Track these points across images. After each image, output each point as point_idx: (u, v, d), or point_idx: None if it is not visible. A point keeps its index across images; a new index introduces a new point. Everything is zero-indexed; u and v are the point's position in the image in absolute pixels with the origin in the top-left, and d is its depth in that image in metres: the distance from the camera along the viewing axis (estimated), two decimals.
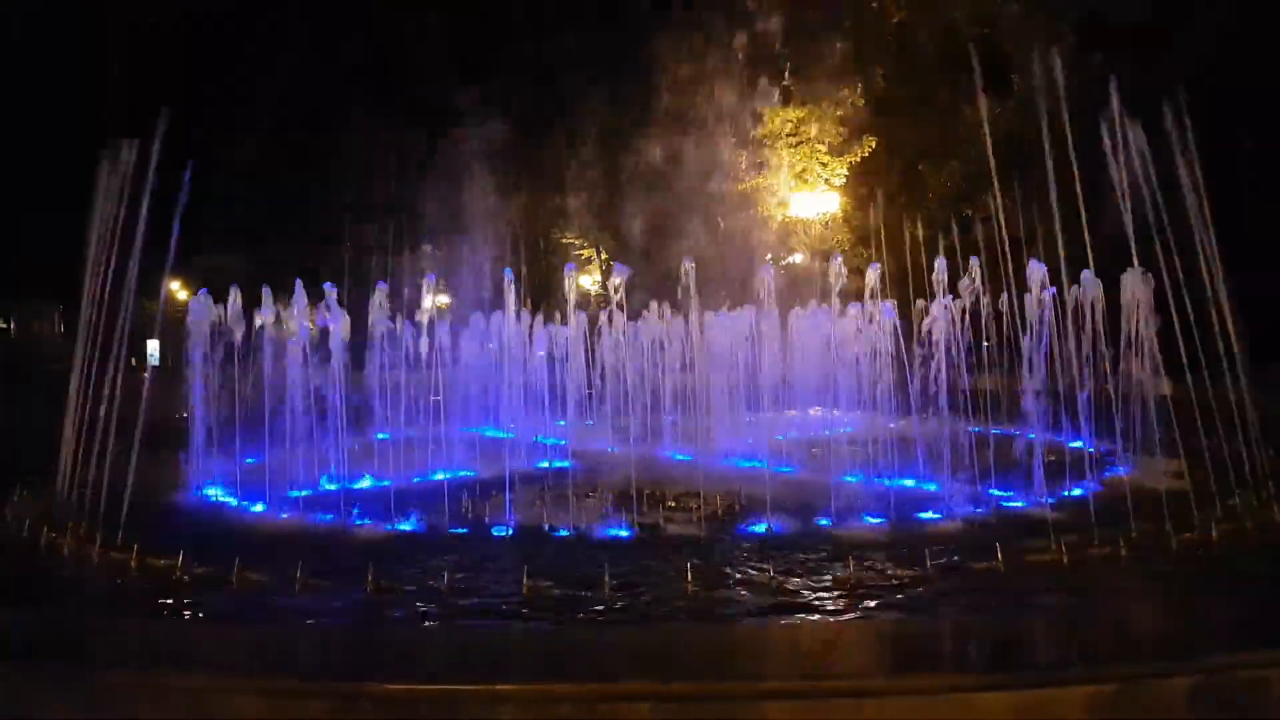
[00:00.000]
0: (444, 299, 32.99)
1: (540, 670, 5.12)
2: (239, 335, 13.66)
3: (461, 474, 14.17)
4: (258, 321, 14.12)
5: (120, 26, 39.92)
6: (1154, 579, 8.32)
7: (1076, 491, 11.98)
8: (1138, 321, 14.34)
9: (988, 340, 18.53)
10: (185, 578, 8.49)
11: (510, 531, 10.50)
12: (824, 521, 10.44)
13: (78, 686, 5.02)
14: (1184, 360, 12.43)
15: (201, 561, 8.64)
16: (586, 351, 16.82)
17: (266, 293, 14.24)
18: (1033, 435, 14.86)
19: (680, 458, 15.43)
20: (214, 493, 13.04)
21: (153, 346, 67.27)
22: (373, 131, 32.13)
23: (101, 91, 39.05)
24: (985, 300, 16.37)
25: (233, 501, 12.61)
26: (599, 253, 38.18)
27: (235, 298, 13.65)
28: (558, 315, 18.39)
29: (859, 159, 29.56)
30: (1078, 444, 15.05)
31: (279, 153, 34.79)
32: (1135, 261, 14.35)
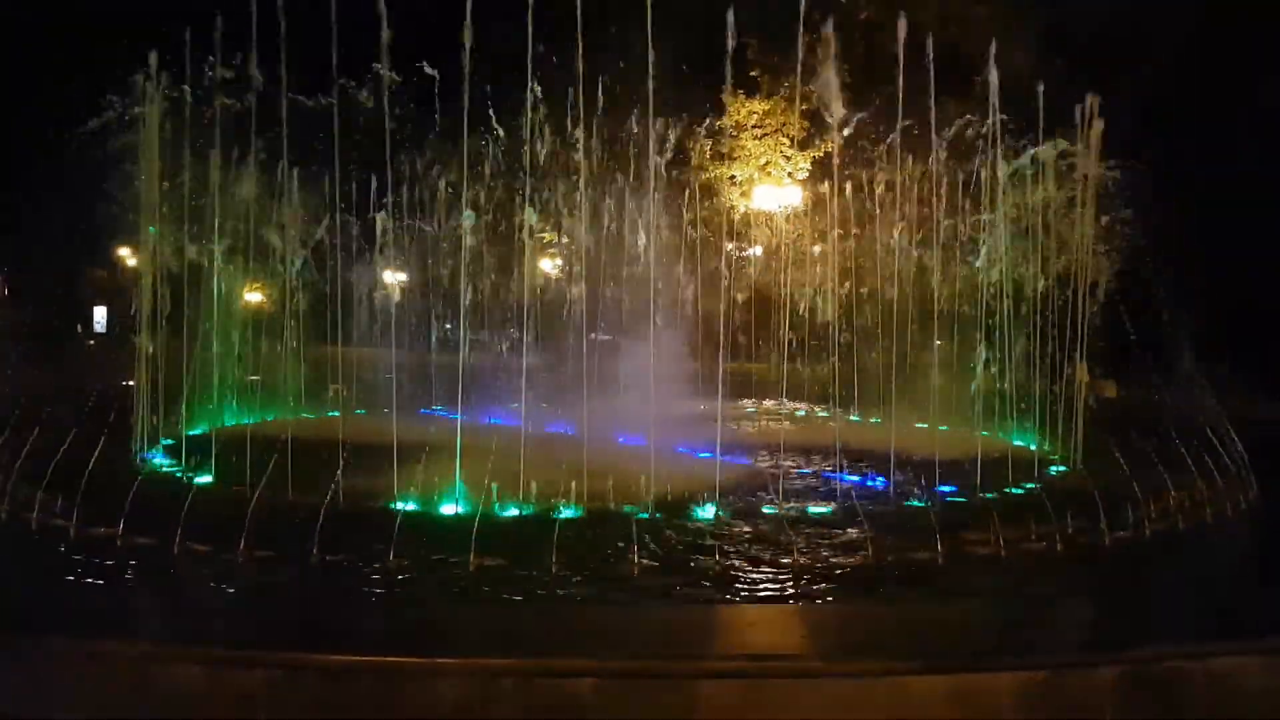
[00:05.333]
0: (402, 276, 32.62)
1: (483, 646, 5.13)
2: None
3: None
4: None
5: None
6: (1086, 574, 8.53)
7: (1018, 489, 12.23)
8: (1084, 326, 14.70)
9: (939, 340, 18.82)
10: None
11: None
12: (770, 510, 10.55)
13: (16, 652, 4.96)
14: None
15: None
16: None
17: None
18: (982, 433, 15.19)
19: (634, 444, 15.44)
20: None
21: (100, 314, 65.84)
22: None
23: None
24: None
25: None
26: (560, 237, 37.99)
27: None
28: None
29: (822, 154, 29.72)
30: (1022, 443, 15.39)
31: None
32: (1085, 269, 14.74)
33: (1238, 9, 25.64)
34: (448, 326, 23.03)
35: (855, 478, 12.56)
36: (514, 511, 10.13)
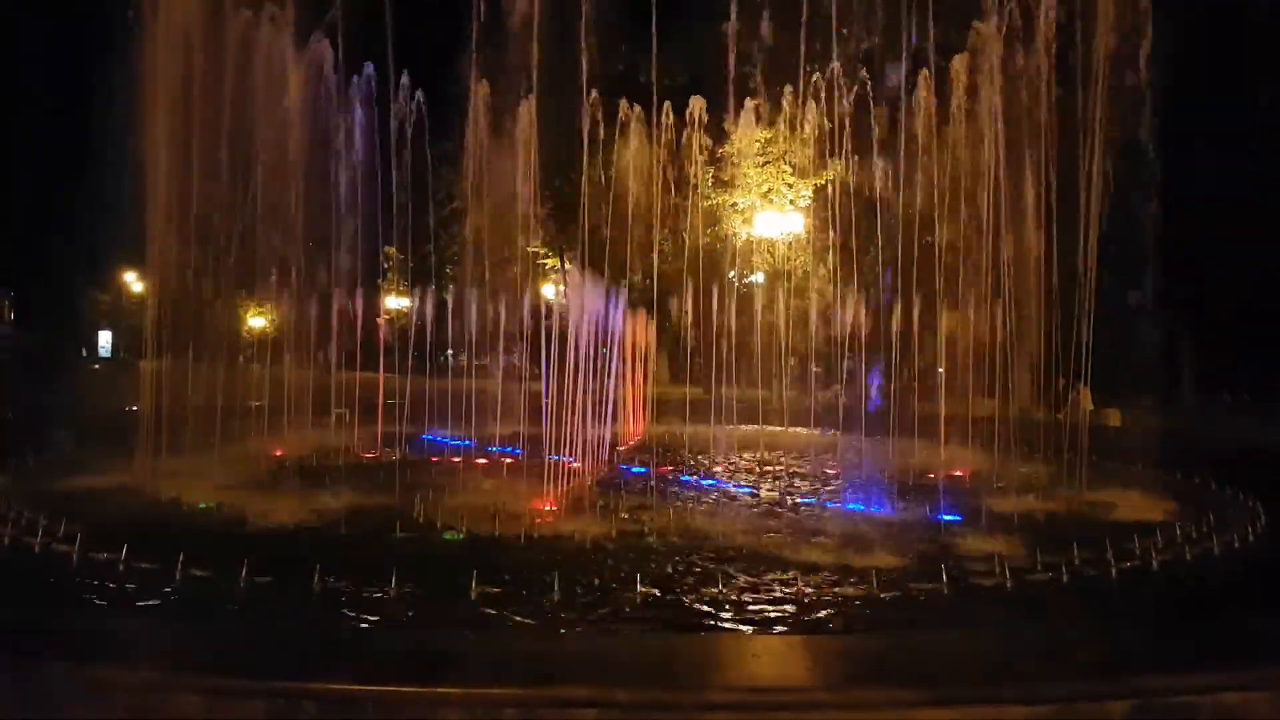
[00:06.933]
0: (404, 302, 32.65)
1: (486, 674, 5.08)
2: None
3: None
4: None
5: None
6: (1092, 605, 8.45)
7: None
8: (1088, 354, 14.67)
9: (941, 366, 18.77)
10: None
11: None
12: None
13: (14, 678, 4.92)
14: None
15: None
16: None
17: None
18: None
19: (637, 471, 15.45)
20: None
21: (105, 338, 66.14)
22: None
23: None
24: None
25: None
26: (563, 262, 38.09)
27: None
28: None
29: (824, 181, 29.82)
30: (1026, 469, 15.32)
31: None
32: (1091, 295, 14.72)
33: (1240, 6, 25.69)
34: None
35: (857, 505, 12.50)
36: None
